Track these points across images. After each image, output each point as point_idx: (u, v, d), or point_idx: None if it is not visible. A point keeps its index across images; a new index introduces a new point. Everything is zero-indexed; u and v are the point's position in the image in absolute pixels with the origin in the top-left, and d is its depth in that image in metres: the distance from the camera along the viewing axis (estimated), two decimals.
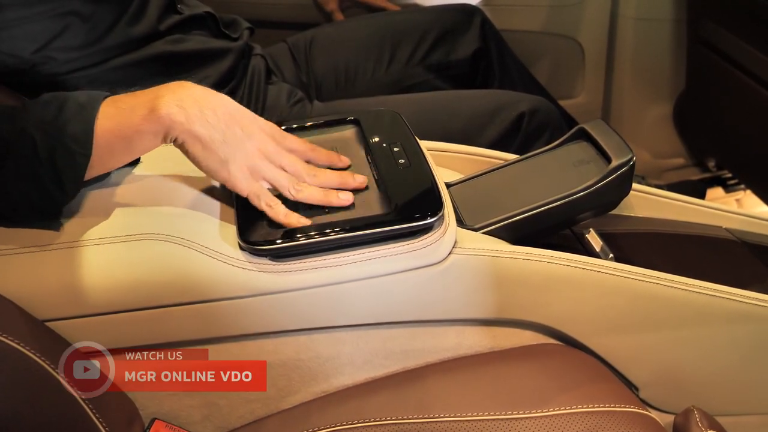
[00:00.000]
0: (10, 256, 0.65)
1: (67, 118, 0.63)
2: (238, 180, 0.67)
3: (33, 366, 0.60)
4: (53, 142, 0.63)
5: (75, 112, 0.64)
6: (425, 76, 1.28)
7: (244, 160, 0.67)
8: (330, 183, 0.71)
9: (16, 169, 0.63)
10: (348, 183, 0.72)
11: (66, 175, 0.64)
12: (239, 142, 0.67)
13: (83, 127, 0.63)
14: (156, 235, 0.67)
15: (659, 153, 1.67)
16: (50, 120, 0.63)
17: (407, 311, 0.72)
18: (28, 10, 0.87)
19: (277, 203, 0.68)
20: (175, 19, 1.08)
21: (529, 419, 0.67)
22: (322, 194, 0.70)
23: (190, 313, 0.67)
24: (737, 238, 0.94)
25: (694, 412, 0.70)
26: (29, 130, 0.63)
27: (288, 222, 0.68)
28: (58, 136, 0.63)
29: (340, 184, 0.71)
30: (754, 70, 1.30)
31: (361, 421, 0.69)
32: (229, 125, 0.67)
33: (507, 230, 0.77)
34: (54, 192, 0.64)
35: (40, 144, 0.62)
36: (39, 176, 0.63)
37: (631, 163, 0.78)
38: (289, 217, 0.68)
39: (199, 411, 0.73)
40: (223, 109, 0.67)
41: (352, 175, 0.73)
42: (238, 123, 0.67)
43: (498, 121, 1.11)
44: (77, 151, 0.63)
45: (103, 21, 0.95)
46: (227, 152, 0.66)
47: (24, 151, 0.63)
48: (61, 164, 0.63)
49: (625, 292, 0.76)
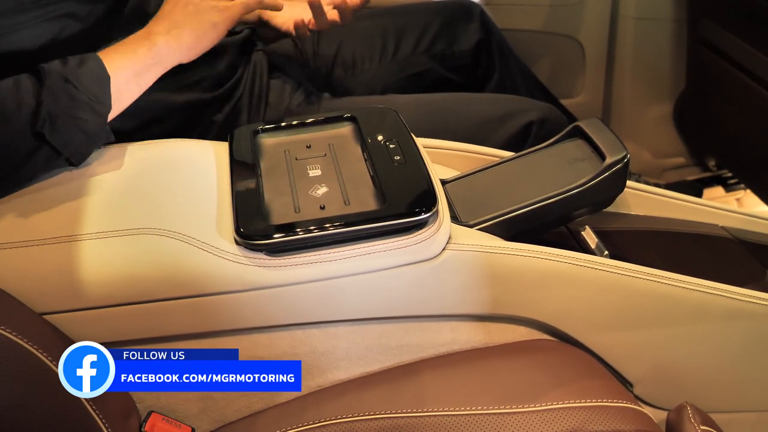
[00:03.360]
0: (8, 249, 0.66)
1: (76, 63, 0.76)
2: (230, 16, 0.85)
3: (30, 358, 0.61)
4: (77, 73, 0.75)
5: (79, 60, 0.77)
6: (430, 65, 1.29)
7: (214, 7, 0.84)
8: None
9: (54, 99, 0.72)
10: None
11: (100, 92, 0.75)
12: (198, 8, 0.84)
13: (96, 62, 0.77)
14: (153, 229, 0.67)
15: (659, 152, 1.67)
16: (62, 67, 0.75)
17: (402, 306, 0.73)
18: (24, 16, 0.88)
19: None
20: None
21: (523, 413, 0.67)
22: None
23: (187, 308, 0.68)
24: (733, 236, 0.94)
25: (687, 408, 0.70)
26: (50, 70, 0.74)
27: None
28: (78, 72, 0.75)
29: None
30: (754, 70, 1.30)
31: (357, 415, 0.69)
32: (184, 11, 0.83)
33: (502, 227, 0.78)
34: (97, 106, 0.74)
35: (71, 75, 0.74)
36: (76, 98, 0.73)
37: (625, 161, 0.79)
38: None
39: (195, 404, 0.73)
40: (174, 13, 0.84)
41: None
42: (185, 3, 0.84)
43: (506, 127, 1.11)
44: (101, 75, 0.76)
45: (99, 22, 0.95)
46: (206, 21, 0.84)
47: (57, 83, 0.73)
48: (92, 86, 0.75)
49: (620, 289, 0.76)
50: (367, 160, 0.77)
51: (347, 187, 0.74)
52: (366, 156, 0.77)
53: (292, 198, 0.73)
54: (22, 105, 0.71)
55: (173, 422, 0.72)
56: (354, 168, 0.76)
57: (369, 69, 1.26)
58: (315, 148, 0.80)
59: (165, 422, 0.71)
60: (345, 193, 0.73)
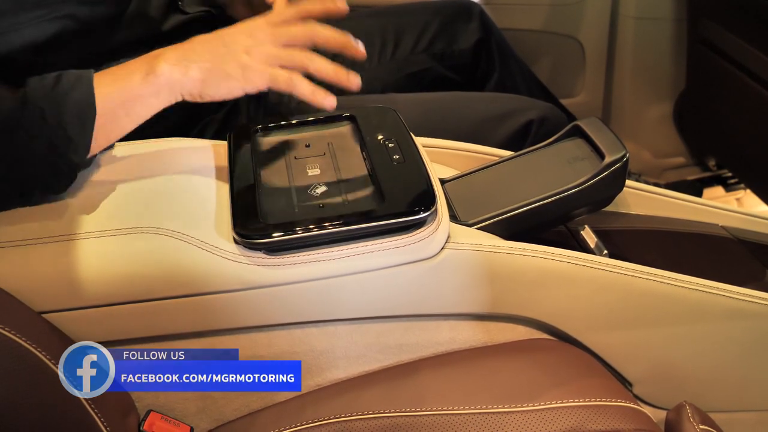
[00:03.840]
0: (7, 248, 0.66)
1: (68, 87, 0.67)
2: (248, 80, 0.70)
3: (29, 357, 0.61)
4: (60, 108, 0.66)
5: (73, 80, 0.68)
6: (429, 64, 1.29)
7: (239, 62, 0.70)
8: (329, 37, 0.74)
9: (27, 141, 0.66)
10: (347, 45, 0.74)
11: (77, 135, 0.67)
12: (226, 53, 0.71)
13: (85, 90, 0.68)
14: (151, 228, 0.67)
15: (659, 152, 1.67)
16: (50, 90, 0.67)
17: (401, 305, 0.73)
18: (24, 16, 0.87)
19: (299, 79, 0.70)
20: (177, 20, 1.08)
21: (522, 413, 0.67)
22: (333, 70, 0.72)
23: (185, 306, 0.68)
24: (733, 235, 0.94)
25: (686, 407, 0.70)
26: (33, 101, 0.66)
27: (314, 98, 0.70)
28: (63, 102, 0.66)
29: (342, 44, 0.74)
30: (755, 69, 1.30)
31: (355, 414, 0.69)
32: (211, 50, 0.71)
33: (501, 226, 0.78)
34: (70, 155, 0.67)
35: (48, 110, 0.66)
36: (52, 142, 0.66)
37: (624, 160, 0.79)
38: (316, 93, 0.70)
39: (194, 403, 0.73)
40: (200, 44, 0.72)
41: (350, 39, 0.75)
42: (218, 42, 0.72)
43: (505, 126, 1.11)
44: (85, 112, 0.67)
45: (100, 23, 0.95)
46: (223, 69, 0.70)
47: (33, 122, 0.66)
48: (71, 127, 0.66)
49: (619, 289, 0.76)
50: (366, 159, 0.77)
51: (346, 186, 0.74)
52: (365, 155, 0.77)
53: (291, 197, 0.73)
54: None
55: (172, 421, 0.72)
56: (353, 167, 0.76)
57: (368, 68, 1.26)
58: (314, 147, 0.80)
59: (164, 421, 0.71)
60: (344, 192, 0.73)
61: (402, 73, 1.27)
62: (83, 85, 0.68)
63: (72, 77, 0.68)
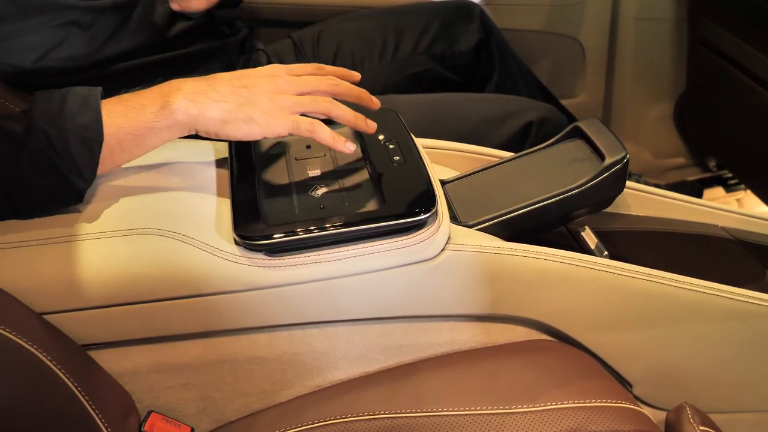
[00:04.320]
0: (8, 249, 0.66)
1: (75, 110, 0.66)
2: (270, 126, 0.69)
3: (30, 358, 0.61)
4: (65, 134, 0.65)
5: (79, 102, 0.67)
6: (430, 65, 1.29)
7: (262, 108, 0.69)
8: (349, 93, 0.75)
9: (32, 164, 0.65)
10: (363, 98, 0.76)
11: (83, 163, 0.66)
12: (250, 97, 0.70)
13: (93, 115, 0.66)
14: (152, 229, 0.67)
15: (660, 152, 1.67)
16: (57, 113, 0.66)
17: (401, 306, 0.73)
18: (27, 22, 0.87)
19: (320, 126, 0.71)
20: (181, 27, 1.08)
21: (522, 414, 0.67)
22: (353, 116, 0.74)
23: (186, 307, 0.68)
24: (733, 236, 0.95)
25: (686, 408, 0.70)
26: (39, 123, 0.65)
27: (335, 144, 0.71)
28: (69, 128, 0.65)
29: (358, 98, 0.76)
30: (755, 70, 1.30)
31: (356, 415, 0.69)
32: (234, 91, 0.70)
33: (501, 227, 0.78)
34: (74, 181, 0.66)
35: (54, 136, 0.65)
36: (57, 167, 0.65)
37: (624, 161, 0.79)
38: (336, 139, 0.71)
39: (194, 404, 0.73)
40: (222, 83, 0.70)
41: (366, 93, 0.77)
42: (240, 84, 0.71)
43: (506, 127, 1.12)
44: (91, 138, 0.66)
45: (104, 31, 0.95)
46: (246, 112, 0.69)
47: (38, 146, 0.65)
48: (77, 153, 0.65)
49: (619, 290, 0.76)
50: (367, 160, 0.77)
51: (346, 187, 0.74)
52: (365, 156, 0.77)
53: (292, 198, 0.73)
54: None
55: (172, 422, 0.72)
56: (353, 168, 0.76)
57: (369, 69, 1.26)
58: (315, 148, 0.80)
59: (164, 422, 0.71)
60: (344, 194, 0.73)
61: (402, 73, 1.27)
62: (90, 110, 0.66)
63: (78, 99, 0.67)
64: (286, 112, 0.70)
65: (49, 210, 0.69)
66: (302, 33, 1.33)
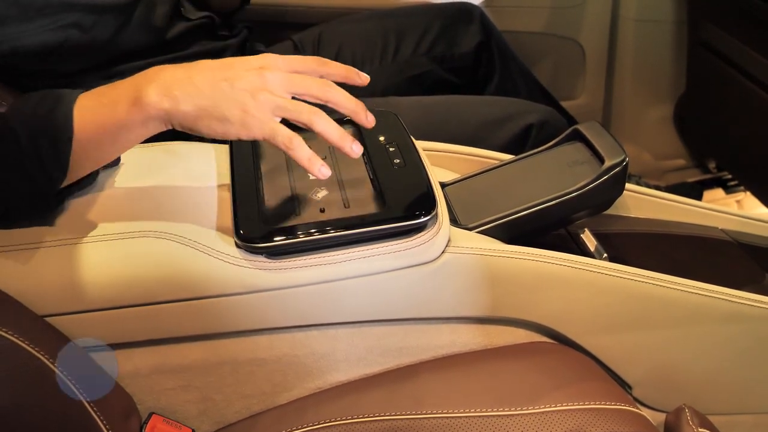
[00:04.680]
0: (10, 252, 0.66)
1: (47, 109, 0.63)
2: (246, 128, 0.63)
3: (32, 360, 0.61)
4: (34, 131, 0.62)
5: (54, 102, 0.64)
6: (430, 66, 1.29)
7: (241, 106, 0.63)
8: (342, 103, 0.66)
9: (1, 162, 0.63)
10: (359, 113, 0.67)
11: (49, 161, 0.63)
12: (229, 93, 0.63)
13: (63, 112, 0.63)
14: (153, 232, 0.68)
15: (660, 154, 1.67)
16: (30, 112, 0.63)
17: (401, 309, 0.73)
18: (28, 24, 0.87)
19: (298, 143, 0.64)
20: (181, 27, 1.08)
21: (522, 416, 0.67)
22: (339, 134, 0.65)
23: (187, 310, 0.68)
24: (732, 238, 0.95)
25: (685, 410, 0.70)
26: (11, 122, 0.63)
27: (310, 167, 0.64)
28: (38, 125, 0.62)
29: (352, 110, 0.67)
30: (754, 72, 1.30)
31: (356, 417, 0.70)
32: (213, 86, 0.63)
33: (501, 230, 0.78)
34: (40, 181, 0.63)
35: (21, 134, 0.62)
36: (24, 166, 0.62)
37: (624, 164, 0.79)
38: (312, 161, 0.64)
39: (195, 406, 0.74)
40: (201, 75, 0.64)
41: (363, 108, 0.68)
42: (221, 77, 0.64)
43: (505, 130, 1.12)
44: (58, 135, 0.62)
45: (105, 32, 0.95)
46: (221, 110, 0.63)
47: (7, 144, 0.62)
48: (44, 151, 0.62)
49: (618, 292, 0.76)
50: (367, 163, 0.77)
51: (347, 190, 0.74)
52: (366, 159, 0.78)
53: (292, 201, 0.73)
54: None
55: (174, 424, 0.72)
56: (354, 171, 0.76)
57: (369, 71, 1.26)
58: (315, 150, 0.80)
59: (165, 424, 0.71)
60: (345, 196, 0.73)
61: (403, 75, 1.27)
62: (62, 107, 0.63)
63: (52, 99, 0.64)
64: (267, 113, 0.63)
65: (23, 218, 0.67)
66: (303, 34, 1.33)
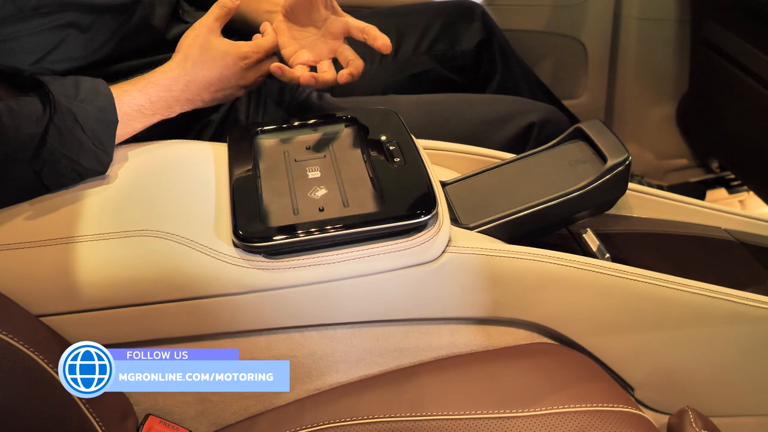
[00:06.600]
0: (5, 251, 0.66)
1: (88, 94, 0.76)
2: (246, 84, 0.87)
3: (27, 361, 0.61)
4: (87, 114, 0.74)
5: (91, 89, 0.76)
6: (431, 65, 1.29)
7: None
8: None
9: (60, 139, 0.71)
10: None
11: (106, 139, 0.75)
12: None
13: (107, 99, 0.77)
14: (150, 231, 0.67)
15: (662, 154, 1.66)
16: (74, 95, 0.74)
17: (401, 309, 0.72)
18: (25, 24, 0.87)
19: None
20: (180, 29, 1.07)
21: (523, 418, 0.67)
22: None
23: (184, 310, 0.68)
24: (735, 238, 0.94)
25: (688, 412, 0.70)
26: (64, 103, 0.73)
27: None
28: (90, 108, 0.74)
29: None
30: (757, 71, 1.29)
31: (355, 418, 0.69)
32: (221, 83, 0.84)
33: (503, 229, 0.78)
34: (101, 156, 0.75)
35: (79, 115, 0.73)
36: (82, 143, 0.73)
37: (626, 163, 0.78)
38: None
39: (193, 407, 0.73)
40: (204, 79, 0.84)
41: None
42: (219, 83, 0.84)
43: (507, 129, 1.11)
44: (109, 119, 0.76)
45: (103, 32, 0.94)
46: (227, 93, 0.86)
47: (65, 123, 0.72)
48: (100, 131, 0.74)
49: (621, 293, 0.76)
50: (367, 161, 0.76)
51: (347, 188, 0.73)
52: (366, 158, 0.77)
53: (291, 200, 0.72)
54: (20, 132, 0.71)
55: (171, 425, 0.71)
56: (353, 170, 0.76)
57: (370, 69, 1.26)
58: (314, 149, 0.80)
59: (162, 425, 0.71)
60: (344, 195, 0.72)
61: (403, 74, 1.27)
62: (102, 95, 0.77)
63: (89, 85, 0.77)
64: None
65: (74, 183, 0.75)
66: None
